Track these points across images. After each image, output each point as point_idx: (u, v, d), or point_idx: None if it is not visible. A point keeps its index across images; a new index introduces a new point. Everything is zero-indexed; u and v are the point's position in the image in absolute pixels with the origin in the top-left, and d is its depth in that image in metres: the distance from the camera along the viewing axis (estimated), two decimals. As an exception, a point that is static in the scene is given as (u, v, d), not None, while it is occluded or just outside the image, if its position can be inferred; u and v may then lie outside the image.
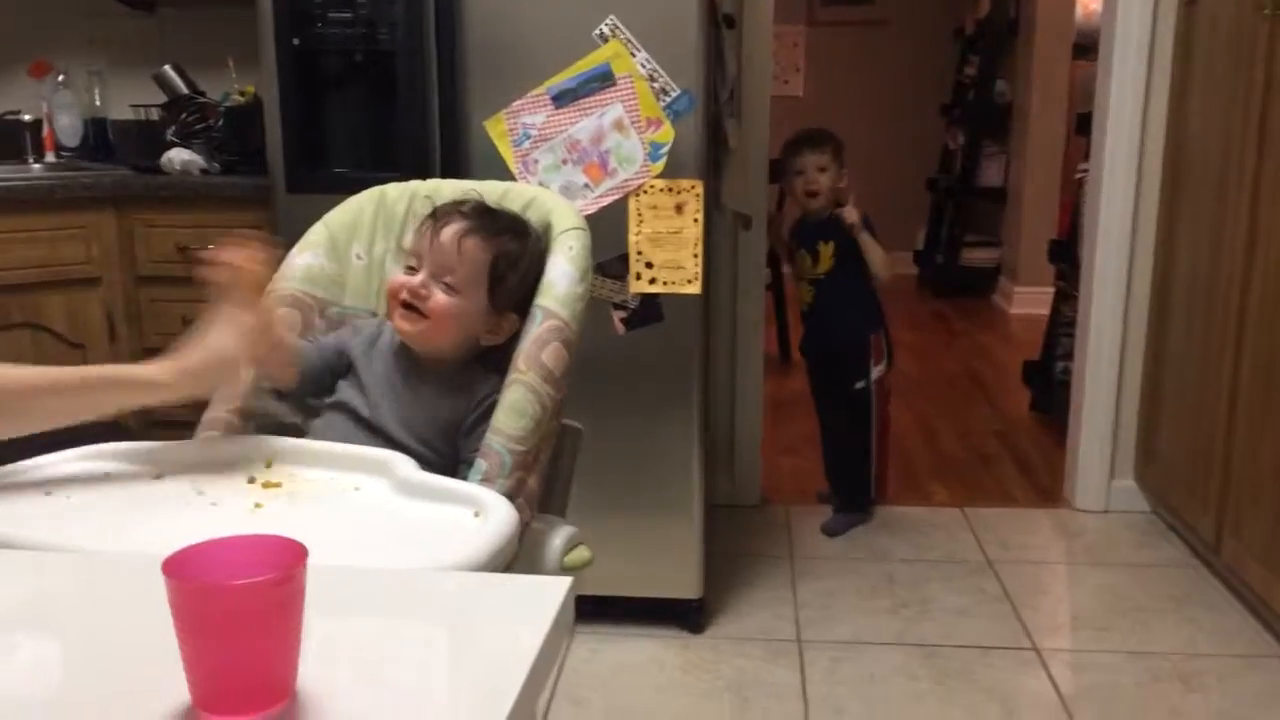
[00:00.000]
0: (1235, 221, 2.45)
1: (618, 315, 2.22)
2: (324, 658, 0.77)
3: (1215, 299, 2.55)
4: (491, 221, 1.43)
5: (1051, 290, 4.03)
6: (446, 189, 1.58)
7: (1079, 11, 5.19)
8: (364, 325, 1.51)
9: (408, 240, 1.54)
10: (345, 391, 1.43)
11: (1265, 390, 2.30)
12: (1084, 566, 2.81)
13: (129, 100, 2.97)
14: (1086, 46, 4.77)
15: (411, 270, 1.42)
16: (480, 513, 1.13)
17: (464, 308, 1.40)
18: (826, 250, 2.87)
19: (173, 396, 1.20)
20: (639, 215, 2.18)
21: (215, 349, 1.22)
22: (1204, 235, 2.64)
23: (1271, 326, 2.28)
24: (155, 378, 1.20)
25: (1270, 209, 2.30)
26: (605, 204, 2.17)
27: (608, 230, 2.13)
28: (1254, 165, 2.36)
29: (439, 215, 1.43)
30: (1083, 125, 3.57)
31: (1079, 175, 3.56)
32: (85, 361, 2.54)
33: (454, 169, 2.17)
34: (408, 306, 1.40)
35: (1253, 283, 2.37)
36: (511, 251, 1.43)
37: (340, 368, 1.45)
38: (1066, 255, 3.76)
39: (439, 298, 1.39)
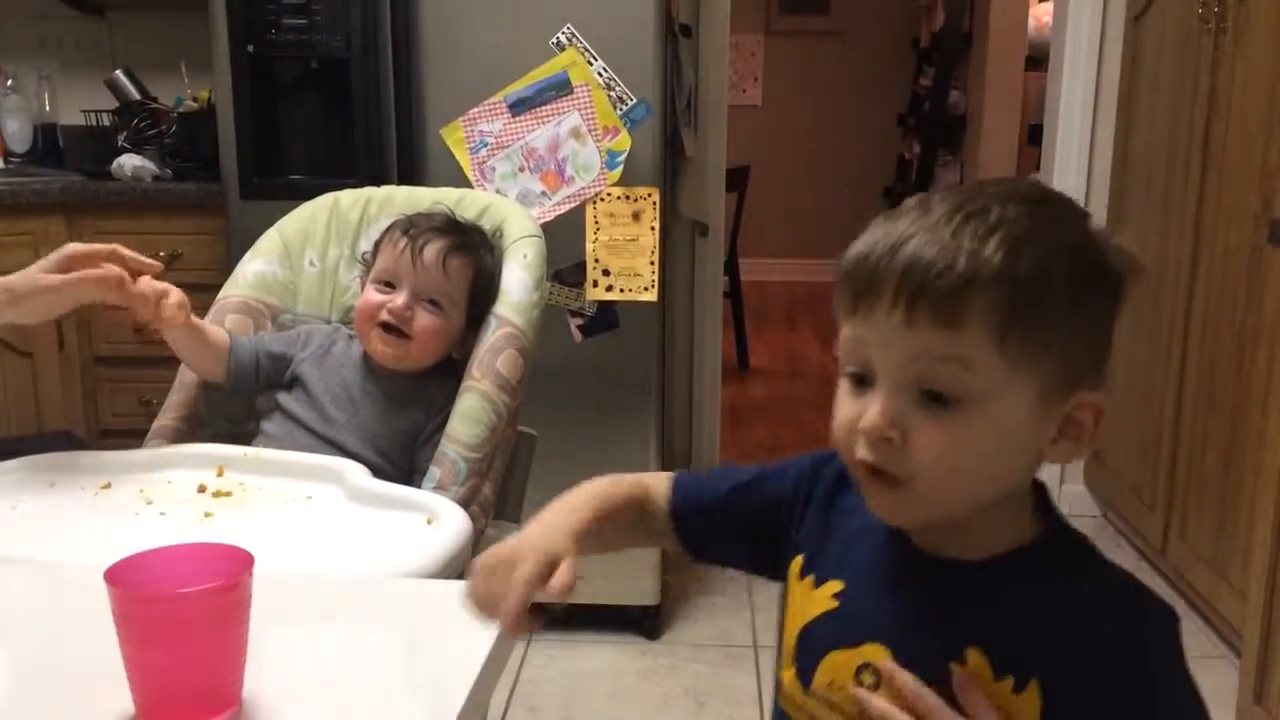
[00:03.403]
0: (1180, 231, 2.50)
1: (575, 323, 2.23)
2: (275, 665, 0.77)
3: (1161, 306, 2.61)
4: (468, 237, 1.42)
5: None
6: (400, 196, 1.58)
7: (1031, 24, 5.28)
8: (313, 336, 1.47)
9: (361, 247, 1.54)
10: (292, 405, 1.39)
11: (1209, 395, 2.35)
12: (1036, 570, 2.84)
13: (79, 105, 2.92)
14: (1039, 59, 4.85)
15: (387, 289, 1.38)
16: (433, 520, 1.13)
17: (448, 327, 1.39)
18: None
19: None
20: (596, 223, 2.18)
21: (38, 274, 1.24)
22: (1150, 244, 2.69)
23: (1215, 334, 2.33)
24: None
25: (1213, 218, 2.35)
26: (562, 212, 2.17)
27: (565, 238, 2.13)
28: (1198, 176, 2.42)
29: (413, 233, 1.39)
30: (1034, 136, 3.63)
31: (1031, 185, 3.60)
32: (34, 372, 2.50)
33: (410, 176, 2.16)
34: (388, 328, 1.37)
35: (1197, 290, 2.42)
36: (488, 266, 1.43)
37: (278, 373, 1.41)
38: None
39: (425, 318, 1.37)
